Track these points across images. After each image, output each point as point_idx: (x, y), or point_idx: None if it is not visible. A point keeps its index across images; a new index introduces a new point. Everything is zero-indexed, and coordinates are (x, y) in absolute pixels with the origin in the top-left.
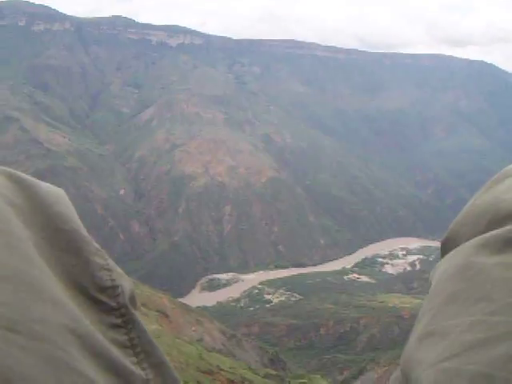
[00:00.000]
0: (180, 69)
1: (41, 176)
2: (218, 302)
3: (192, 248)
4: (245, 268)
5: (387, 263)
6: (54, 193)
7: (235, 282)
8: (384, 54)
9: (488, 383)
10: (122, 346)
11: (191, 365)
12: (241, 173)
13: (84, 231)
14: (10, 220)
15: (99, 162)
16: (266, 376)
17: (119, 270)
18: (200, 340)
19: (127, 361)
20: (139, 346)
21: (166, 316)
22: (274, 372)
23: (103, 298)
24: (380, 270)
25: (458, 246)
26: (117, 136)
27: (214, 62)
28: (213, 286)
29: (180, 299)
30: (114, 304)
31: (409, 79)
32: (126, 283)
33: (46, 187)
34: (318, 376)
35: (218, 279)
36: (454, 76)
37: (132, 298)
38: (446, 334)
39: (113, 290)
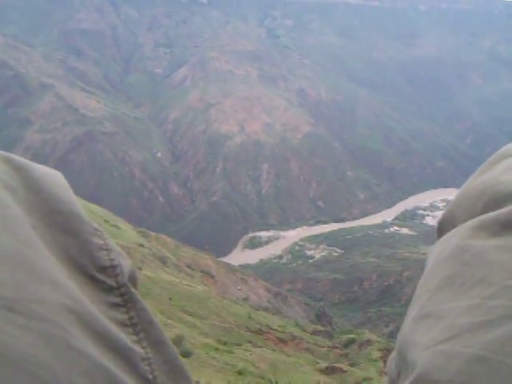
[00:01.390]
0: (211, 25)
1: (79, 142)
2: (260, 260)
3: (231, 207)
4: (285, 225)
5: (428, 215)
6: (51, 175)
7: (276, 239)
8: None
9: (484, 366)
10: (121, 324)
11: (241, 325)
12: (277, 129)
13: (82, 212)
14: (6, 202)
15: (135, 125)
16: (315, 332)
17: (118, 249)
18: (246, 299)
19: (127, 339)
20: (139, 324)
21: (212, 276)
22: (321, 328)
23: (102, 277)
24: (421, 222)
25: (455, 227)
26: (151, 98)
27: (246, 16)
28: (254, 244)
29: (223, 258)
30: (113, 283)
31: (445, 25)
32: (126, 262)
33: (42, 170)
34: (366, 331)
35: (259, 237)
36: (492, 19)
37: (132, 277)
38: (443, 317)
39: (112, 269)
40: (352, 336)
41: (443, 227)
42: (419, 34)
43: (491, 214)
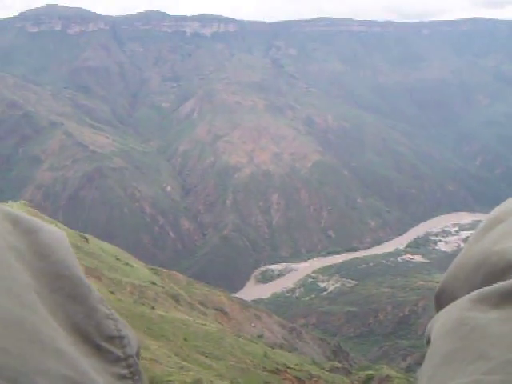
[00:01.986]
0: (216, 58)
1: (89, 178)
2: (272, 294)
3: (242, 240)
4: (297, 257)
5: (440, 241)
6: (56, 237)
7: (288, 272)
8: (421, 23)
9: None
10: None
11: (257, 365)
12: (285, 159)
13: (85, 278)
14: (11, 266)
15: (144, 160)
16: (332, 370)
17: (123, 320)
18: (260, 336)
19: None
20: None
21: (225, 314)
22: (339, 365)
23: (109, 347)
24: (433, 249)
25: (454, 299)
26: (159, 132)
27: (250, 47)
28: (266, 278)
29: (235, 293)
30: (120, 354)
31: (448, 47)
32: (132, 334)
33: (48, 231)
34: (384, 366)
35: (272, 270)
36: (494, 39)
37: (138, 351)
38: None
39: (119, 339)
40: (370, 372)
41: (442, 298)
42: (423, 58)
43: (491, 287)
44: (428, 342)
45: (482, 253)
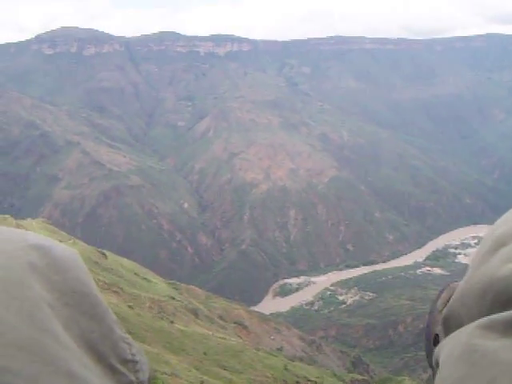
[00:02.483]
0: (230, 77)
1: (106, 196)
2: (291, 307)
3: (260, 255)
4: (315, 270)
5: (459, 253)
6: (70, 255)
7: (307, 286)
8: (434, 40)
9: None
10: None
11: (278, 378)
12: (302, 175)
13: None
14: (25, 285)
15: (161, 178)
16: (353, 382)
17: (137, 345)
18: (280, 349)
19: None
20: None
21: (245, 327)
22: (359, 377)
23: (123, 370)
24: (453, 261)
25: (461, 325)
26: (175, 150)
27: (264, 66)
28: (285, 291)
29: (254, 307)
30: (133, 378)
31: (462, 62)
32: (145, 360)
33: (63, 250)
34: (406, 378)
35: (290, 284)
36: (507, 54)
37: (150, 378)
38: None
39: (133, 364)
40: None
41: (449, 323)
42: (437, 74)
43: (499, 315)
44: (437, 365)
45: (487, 279)
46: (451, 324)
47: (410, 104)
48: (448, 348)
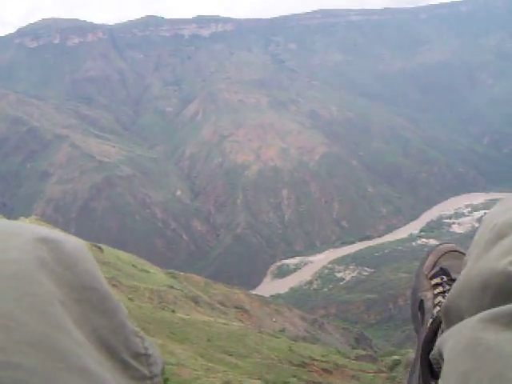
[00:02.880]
0: (216, 58)
1: (98, 189)
2: (290, 288)
3: (256, 238)
4: (311, 249)
5: (454, 223)
6: (80, 249)
7: (304, 265)
8: (419, 8)
9: None
10: None
11: (283, 360)
12: (292, 154)
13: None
14: (36, 281)
15: (152, 166)
16: (357, 358)
17: (149, 339)
18: (282, 330)
19: None
20: None
21: (246, 311)
22: (363, 352)
23: (136, 364)
24: (448, 231)
25: (462, 317)
26: (165, 137)
27: (249, 45)
28: (283, 273)
29: (253, 290)
30: (146, 372)
31: (448, 29)
32: (157, 353)
33: (72, 244)
34: (410, 350)
35: (287, 265)
36: (494, 18)
37: (162, 370)
38: None
39: (146, 357)
40: (397, 357)
41: (449, 316)
42: (423, 42)
43: (501, 308)
44: (440, 356)
45: (488, 272)
46: (452, 316)
47: (398, 74)
48: (451, 341)
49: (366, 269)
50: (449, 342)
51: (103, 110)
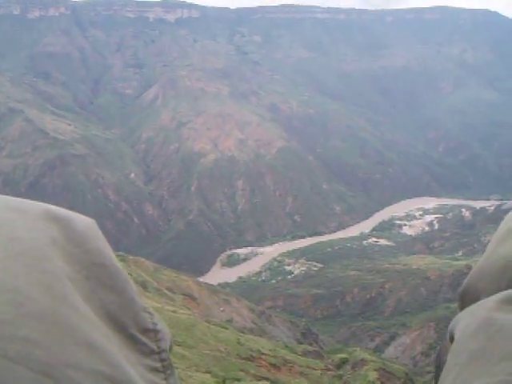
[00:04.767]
0: (180, 44)
1: (50, 166)
2: (239, 278)
3: (208, 225)
4: (262, 241)
5: (405, 225)
6: (90, 226)
7: (254, 256)
8: (385, 11)
9: None
10: None
11: (231, 352)
12: (250, 145)
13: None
14: (46, 258)
15: (107, 147)
16: (305, 353)
17: (158, 315)
18: (230, 320)
19: None
20: None
21: (194, 299)
22: (310, 348)
23: (144, 339)
24: (398, 232)
25: (478, 299)
26: (122, 119)
27: (214, 34)
28: (232, 262)
29: (201, 277)
30: (154, 347)
31: (412, 35)
32: (165, 329)
33: (81, 221)
34: (358, 348)
35: (237, 254)
36: (458, 28)
37: (171, 346)
38: None
39: (154, 333)
40: (344, 356)
41: (465, 297)
42: (387, 45)
43: None
44: (451, 338)
45: (508, 257)
46: (467, 299)
47: (360, 75)
48: (465, 321)
49: (315, 264)
50: (461, 322)
51: (61, 87)
